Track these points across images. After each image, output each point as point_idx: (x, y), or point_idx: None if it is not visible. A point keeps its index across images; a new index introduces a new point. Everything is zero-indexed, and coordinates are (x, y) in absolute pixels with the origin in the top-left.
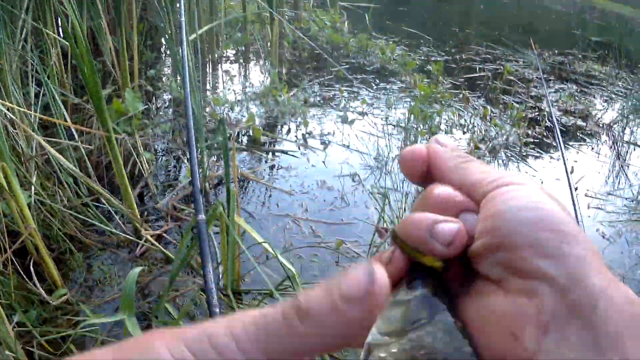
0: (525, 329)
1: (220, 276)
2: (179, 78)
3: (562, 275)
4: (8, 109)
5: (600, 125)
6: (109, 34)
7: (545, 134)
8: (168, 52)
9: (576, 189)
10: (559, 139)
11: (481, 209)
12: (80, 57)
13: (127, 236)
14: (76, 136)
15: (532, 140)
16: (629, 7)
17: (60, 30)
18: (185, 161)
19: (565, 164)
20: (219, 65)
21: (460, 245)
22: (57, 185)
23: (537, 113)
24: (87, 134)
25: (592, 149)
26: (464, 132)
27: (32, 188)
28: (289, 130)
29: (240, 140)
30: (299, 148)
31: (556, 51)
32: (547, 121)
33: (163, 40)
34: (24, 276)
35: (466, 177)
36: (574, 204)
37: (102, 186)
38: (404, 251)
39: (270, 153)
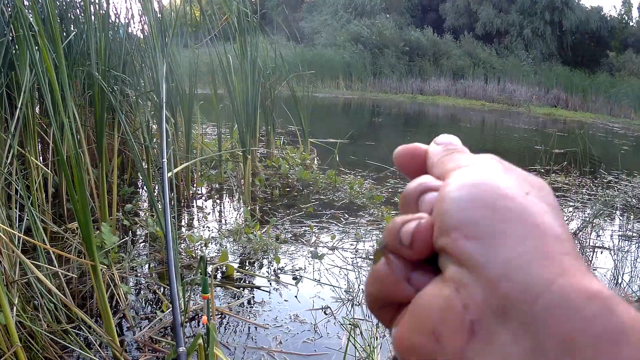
0: (448, 329)
1: None
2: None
3: (492, 263)
4: None
5: None
6: (89, 166)
7: None
8: (145, 187)
9: None
10: None
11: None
12: (74, 189)
13: None
14: (56, 264)
15: None
16: (589, 114)
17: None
18: (161, 295)
19: None
20: (194, 201)
21: (422, 243)
22: (39, 310)
23: None
24: (67, 262)
25: None
26: None
27: (14, 309)
28: (261, 266)
29: (215, 276)
30: (271, 284)
31: None
32: None
33: (140, 175)
34: None
35: (443, 169)
36: None
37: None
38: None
39: (244, 288)
